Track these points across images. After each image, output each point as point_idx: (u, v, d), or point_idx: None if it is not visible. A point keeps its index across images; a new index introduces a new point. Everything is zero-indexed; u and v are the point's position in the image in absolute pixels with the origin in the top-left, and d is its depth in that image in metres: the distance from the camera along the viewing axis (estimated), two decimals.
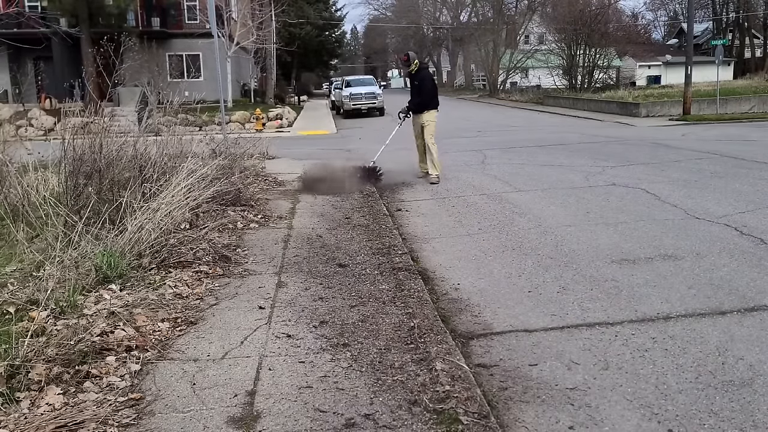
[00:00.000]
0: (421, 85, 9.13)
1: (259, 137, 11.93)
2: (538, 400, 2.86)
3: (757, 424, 2.60)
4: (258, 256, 5.07)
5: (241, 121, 22.93)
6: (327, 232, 5.91)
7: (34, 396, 2.71)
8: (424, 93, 9.13)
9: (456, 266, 5.00)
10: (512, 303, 4.12)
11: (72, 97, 21.52)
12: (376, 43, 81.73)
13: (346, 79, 33.27)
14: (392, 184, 9.00)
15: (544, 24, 46.32)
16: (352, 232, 5.93)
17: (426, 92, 9.13)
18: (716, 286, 4.22)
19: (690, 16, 24.20)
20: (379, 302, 4.01)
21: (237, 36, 27.89)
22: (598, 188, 7.98)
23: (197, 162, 6.18)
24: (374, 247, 5.33)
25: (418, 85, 9.16)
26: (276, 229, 6.06)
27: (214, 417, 2.66)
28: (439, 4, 58.81)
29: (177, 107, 8.02)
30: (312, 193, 8.01)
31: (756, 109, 22.83)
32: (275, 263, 4.89)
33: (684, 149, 11.85)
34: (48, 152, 6.25)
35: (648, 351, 3.30)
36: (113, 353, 3.14)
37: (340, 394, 2.83)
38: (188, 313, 3.80)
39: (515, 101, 37.22)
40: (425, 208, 7.41)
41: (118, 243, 4.38)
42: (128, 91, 22.16)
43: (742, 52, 50.67)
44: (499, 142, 15.04)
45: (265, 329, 3.60)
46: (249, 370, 3.09)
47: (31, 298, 3.55)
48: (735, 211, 6.30)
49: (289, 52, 35.05)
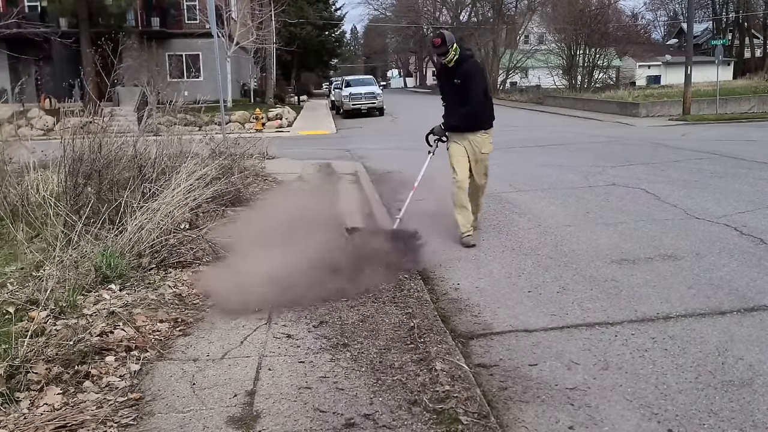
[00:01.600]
0: (466, 85, 5.35)
1: (259, 137, 11.92)
2: (538, 400, 2.85)
3: (757, 424, 2.60)
4: (258, 256, 5.06)
5: (240, 121, 22.94)
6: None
7: (33, 396, 2.71)
8: (474, 99, 5.35)
9: (456, 266, 4.99)
10: (512, 303, 4.12)
11: (72, 97, 21.53)
12: (375, 43, 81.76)
13: (345, 79, 33.29)
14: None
15: (544, 24, 46.33)
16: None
17: (476, 98, 5.36)
18: (716, 286, 4.22)
19: (690, 16, 24.22)
20: (379, 302, 4.01)
21: (237, 36, 27.89)
22: (597, 188, 7.98)
23: (197, 162, 6.18)
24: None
25: (461, 86, 5.37)
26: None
27: (214, 417, 2.66)
28: (439, 4, 58.76)
29: (177, 107, 8.01)
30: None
31: (756, 109, 22.84)
32: (275, 263, 4.88)
33: (684, 149, 11.85)
34: (48, 152, 6.25)
35: (648, 351, 3.30)
36: (113, 353, 3.13)
37: (339, 394, 2.83)
38: (188, 313, 3.80)
39: (515, 101, 37.23)
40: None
41: (118, 243, 4.38)
42: (128, 91, 22.17)
43: (742, 52, 50.68)
44: (499, 141, 14.99)
45: (265, 329, 3.60)
46: (249, 370, 3.09)
47: (30, 298, 3.55)
48: (735, 211, 6.30)
49: (289, 52, 35.05)
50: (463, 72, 5.37)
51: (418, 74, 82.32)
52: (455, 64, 5.39)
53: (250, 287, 3.98)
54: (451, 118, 5.52)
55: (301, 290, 4.03)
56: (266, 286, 4.00)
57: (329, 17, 45.97)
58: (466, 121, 5.44)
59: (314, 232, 4.94)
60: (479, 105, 5.41)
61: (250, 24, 29.06)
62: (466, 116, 5.40)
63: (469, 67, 5.41)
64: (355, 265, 4.41)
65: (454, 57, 5.34)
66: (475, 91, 5.35)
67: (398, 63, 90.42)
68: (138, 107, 18.99)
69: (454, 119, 5.49)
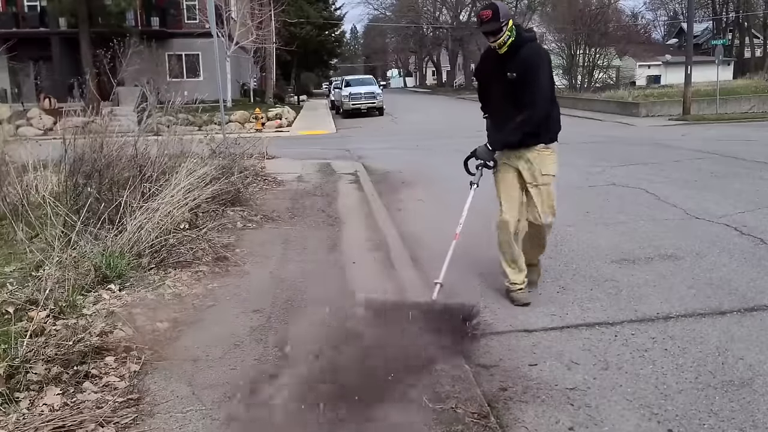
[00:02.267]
0: (526, 79, 3.80)
1: (259, 137, 11.92)
2: (538, 400, 2.85)
3: (757, 424, 2.60)
4: (257, 256, 5.06)
5: (240, 120, 22.92)
6: None
7: (33, 396, 2.71)
8: (537, 100, 3.80)
9: (456, 266, 4.97)
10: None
11: (72, 97, 21.52)
12: (375, 42, 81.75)
13: (345, 78, 33.25)
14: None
15: (544, 24, 46.31)
16: None
17: (540, 98, 3.81)
18: (716, 286, 4.22)
19: (690, 15, 24.23)
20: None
21: (236, 36, 27.88)
22: (597, 188, 7.98)
23: (197, 162, 6.17)
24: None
25: (518, 81, 3.81)
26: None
27: (214, 417, 2.65)
28: (439, 4, 58.82)
29: (177, 107, 8.00)
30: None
31: (756, 109, 22.84)
32: (275, 263, 4.89)
33: (684, 149, 11.85)
34: (48, 152, 6.24)
35: (648, 351, 3.30)
36: (112, 353, 3.13)
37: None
38: (187, 313, 3.80)
39: None
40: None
41: (118, 243, 4.37)
42: (128, 91, 22.16)
43: (742, 52, 50.70)
44: None
45: (265, 330, 3.59)
46: (248, 370, 3.08)
47: (30, 298, 3.55)
48: (735, 211, 6.30)
49: (288, 52, 35.01)
50: (522, 61, 3.75)
51: (418, 74, 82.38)
52: (509, 50, 3.77)
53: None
54: (500, 130, 3.90)
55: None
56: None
57: (329, 17, 45.94)
58: (523, 132, 3.80)
59: (305, 317, 3.56)
60: (544, 108, 3.80)
61: (250, 24, 29.06)
62: (525, 124, 3.76)
63: (530, 54, 3.76)
64: (368, 385, 2.72)
65: (509, 39, 3.73)
66: (538, 88, 3.75)
67: (398, 63, 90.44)
68: (138, 107, 19.00)
69: (506, 132, 3.83)
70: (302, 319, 3.68)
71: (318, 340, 3.16)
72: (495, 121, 4.06)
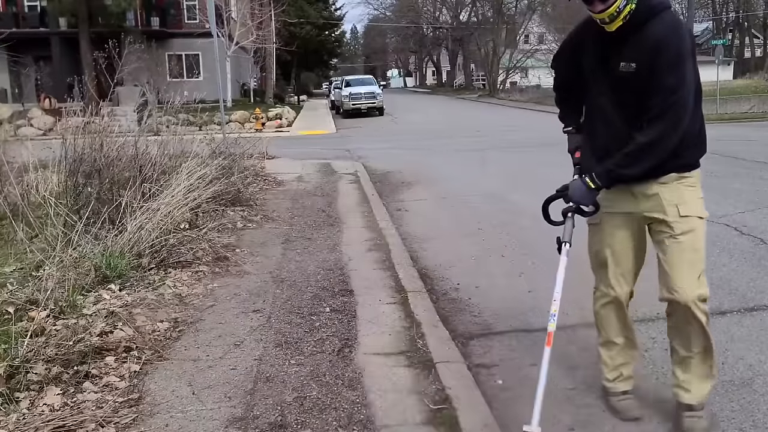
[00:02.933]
0: (650, 72, 2.29)
1: (259, 137, 11.93)
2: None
3: (757, 424, 2.60)
4: (257, 256, 5.06)
5: (240, 120, 22.92)
6: None
7: (33, 396, 2.71)
8: (675, 108, 2.30)
9: (456, 266, 4.99)
10: (512, 303, 4.11)
11: (72, 97, 21.52)
12: (375, 42, 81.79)
13: (345, 78, 33.24)
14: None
15: (544, 24, 46.36)
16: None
17: (678, 104, 2.30)
18: (716, 286, 4.22)
19: (690, 15, 24.24)
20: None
21: (236, 36, 27.88)
22: None
23: (197, 162, 6.18)
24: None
25: (637, 75, 2.33)
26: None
27: (214, 417, 2.65)
28: (439, 4, 58.78)
29: (177, 107, 8.00)
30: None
31: (756, 109, 22.86)
32: (275, 263, 4.89)
33: None
34: (48, 152, 6.24)
35: (648, 351, 3.30)
36: (112, 353, 3.13)
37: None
38: (187, 313, 3.80)
39: (515, 101, 37.20)
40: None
41: (118, 243, 4.38)
42: (128, 91, 22.15)
43: (742, 52, 50.71)
44: (499, 141, 15.04)
45: (265, 330, 3.59)
46: (248, 370, 3.08)
47: (30, 298, 3.55)
48: (735, 211, 6.30)
49: (288, 52, 35.02)
50: (649, 43, 2.31)
51: (418, 74, 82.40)
52: (625, 26, 2.33)
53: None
54: (607, 154, 2.47)
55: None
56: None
57: (329, 17, 45.97)
58: (649, 160, 2.39)
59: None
60: (684, 121, 2.37)
61: (250, 24, 29.05)
62: (654, 148, 2.36)
63: (663, 32, 2.30)
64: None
65: (626, 6, 2.27)
66: (678, 88, 2.31)
67: (398, 63, 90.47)
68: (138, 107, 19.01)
69: (620, 159, 2.41)
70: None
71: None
72: (597, 140, 2.57)
